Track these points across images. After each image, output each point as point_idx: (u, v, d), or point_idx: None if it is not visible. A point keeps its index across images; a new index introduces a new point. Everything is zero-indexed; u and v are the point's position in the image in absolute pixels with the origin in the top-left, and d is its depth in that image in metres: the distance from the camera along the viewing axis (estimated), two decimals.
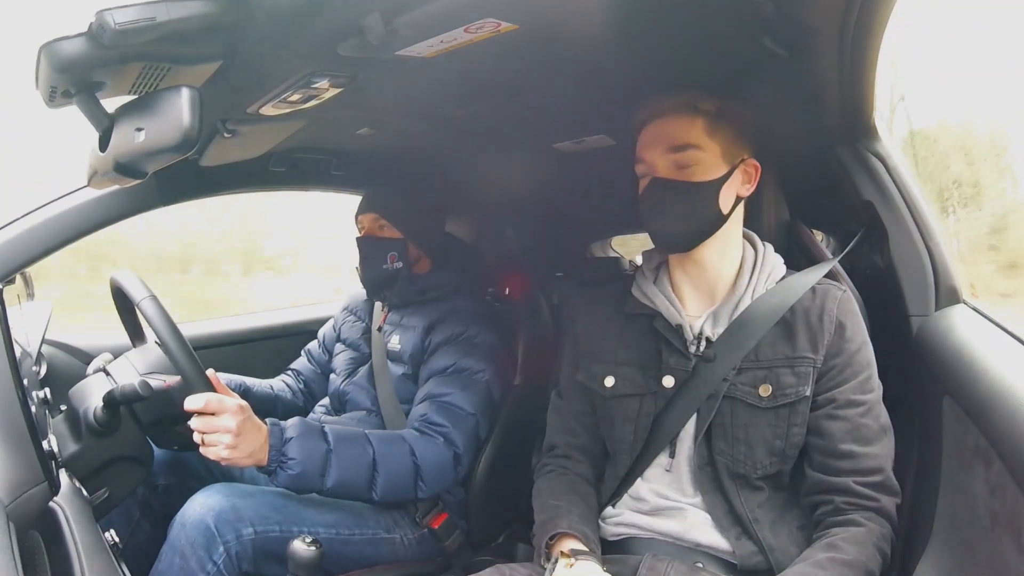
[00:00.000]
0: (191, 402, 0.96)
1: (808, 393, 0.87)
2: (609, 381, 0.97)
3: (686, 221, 0.91)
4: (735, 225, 0.95)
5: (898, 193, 1.01)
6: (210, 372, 1.01)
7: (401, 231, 1.34)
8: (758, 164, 0.95)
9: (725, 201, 0.91)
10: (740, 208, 0.95)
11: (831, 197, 1.09)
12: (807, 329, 0.89)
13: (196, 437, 0.98)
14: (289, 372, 1.54)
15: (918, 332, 0.96)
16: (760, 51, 0.80)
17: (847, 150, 1.03)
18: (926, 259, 0.99)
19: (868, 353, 0.89)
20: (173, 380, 1.03)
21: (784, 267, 0.96)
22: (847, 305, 0.91)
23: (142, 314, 1.02)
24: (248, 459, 0.99)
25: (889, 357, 0.90)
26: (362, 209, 1.36)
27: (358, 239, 1.37)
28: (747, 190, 0.94)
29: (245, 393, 1.35)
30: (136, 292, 1.02)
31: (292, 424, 1.06)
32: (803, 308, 0.90)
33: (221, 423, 0.96)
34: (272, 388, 1.45)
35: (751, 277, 0.93)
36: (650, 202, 0.92)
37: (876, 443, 0.85)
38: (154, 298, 1.01)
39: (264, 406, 1.40)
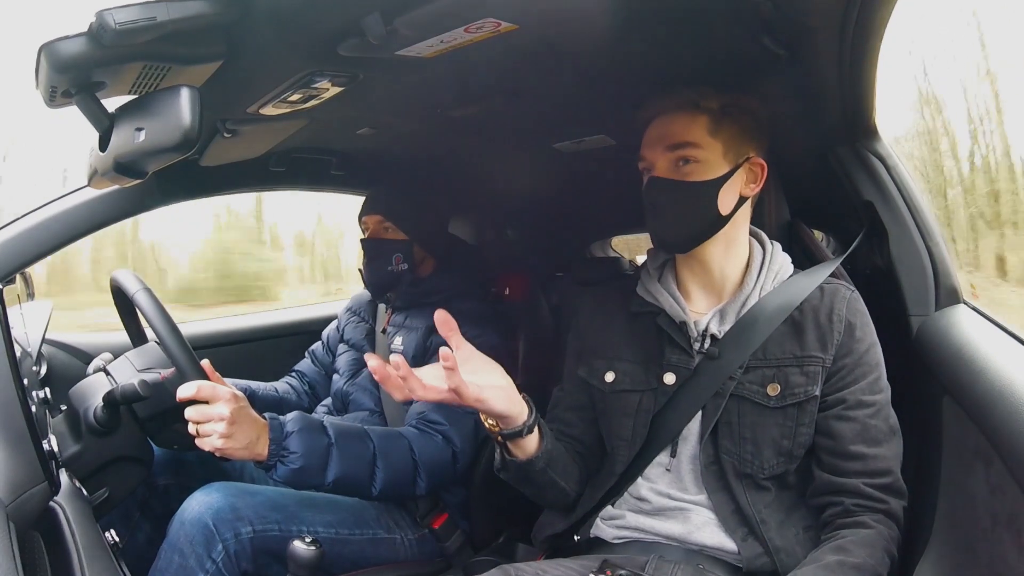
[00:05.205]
0: (184, 390, 0.96)
1: (816, 393, 0.86)
2: (609, 376, 0.97)
3: (683, 222, 0.91)
4: (740, 225, 0.94)
5: (898, 193, 1.01)
6: (205, 363, 1.01)
7: (406, 233, 1.34)
8: (764, 163, 0.92)
9: (725, 202, 0.90)
10: (746, 208, 0.93)
11: (831, 197, 1.09)
12: (816, 328, 0.88)
13: (191, 428, 0.97)
14: (293, 374, 1.54)
15: (918, 332, 0.96)
16: (759, 51, 0.80)
17: (847, 150, 1.03)
18: (926, 259, 0.99)
19: (877, 353, 0.88)
20: (168, 372, 1.03)
21: (792, 266, 0.95)
22: (856, 305, 0.90)
23: (137, 307, 1.02)
24: (244, 451, 0.99)
25: (889, 357, 0.90)
26: (366, 210, 1.36)
27: (363, 241, 1.37)
28: (752, 190, 0.93)
29: (250, 397, 1.34)
30: (131, 286, 1.02)
31: (292, 418, 1.06)
32: (811, 307, 0.90)
33: (214, 411, 0.96)
34: (277, 391, 1.45)
35: (759, 275, 0.92)
36: (648, 201, 0.92)
37: (885, 444, 0.85)
38: (148, 291, 1.02)
39: (270, 409, 1.39)
